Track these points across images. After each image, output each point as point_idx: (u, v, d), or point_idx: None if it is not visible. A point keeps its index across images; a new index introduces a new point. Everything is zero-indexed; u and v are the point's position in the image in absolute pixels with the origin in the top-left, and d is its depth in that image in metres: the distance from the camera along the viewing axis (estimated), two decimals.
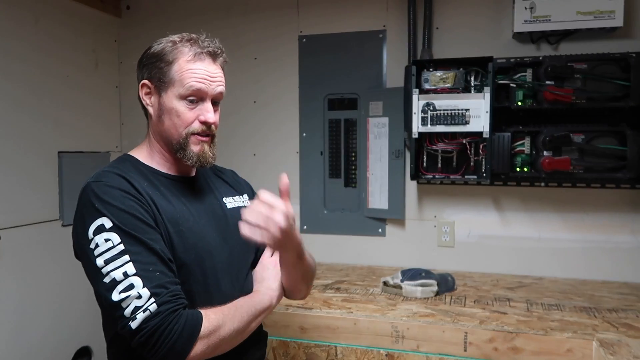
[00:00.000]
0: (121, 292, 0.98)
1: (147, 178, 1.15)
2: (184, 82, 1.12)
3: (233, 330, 1.07)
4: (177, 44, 1.15)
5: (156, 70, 1.15)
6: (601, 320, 1.63)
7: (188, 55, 1.14)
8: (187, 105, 1.14)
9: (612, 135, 1.91)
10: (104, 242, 1.01)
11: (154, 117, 1.18)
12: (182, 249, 1.10)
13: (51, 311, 2.16)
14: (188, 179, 1.24)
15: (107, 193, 1.05)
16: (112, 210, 1.03)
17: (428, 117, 2.03)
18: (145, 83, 1.17)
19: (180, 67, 1.13)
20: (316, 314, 1.73)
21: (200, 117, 1.15)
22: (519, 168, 2.01)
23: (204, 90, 1.14)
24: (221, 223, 1.22)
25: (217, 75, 1.17)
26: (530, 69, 1.97)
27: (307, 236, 2.37)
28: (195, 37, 1.17)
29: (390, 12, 2.29)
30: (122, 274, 0.98)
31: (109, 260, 1.00)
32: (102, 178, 1.08)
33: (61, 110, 2.24)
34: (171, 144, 1.17)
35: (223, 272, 1.18)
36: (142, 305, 0.97)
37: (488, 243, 2.23)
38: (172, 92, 1.14)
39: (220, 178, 1.36)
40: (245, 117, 2.50)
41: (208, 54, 1.16)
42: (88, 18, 2.41)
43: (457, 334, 1.59)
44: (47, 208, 2.17)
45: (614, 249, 2.10)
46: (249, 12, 2.47)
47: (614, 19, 1.93)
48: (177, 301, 1.00)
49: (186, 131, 1.15)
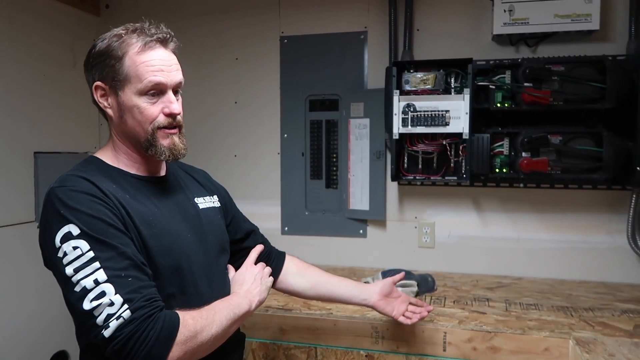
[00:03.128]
0: (92, 300, 0.94)
1: (115, 180, 1.10)
2: (141, 77, 1.07)
3: (212, 336, 1.04)
4: (123, 36, 1.08)
5: (107, 69, 1.09)
6: (578, 319, 1.65)
7: (137, 47, 1.07)
8: (148, 100, 1.09)
9: (589, 137, 1.94)
10: (72, 250, 0.96)
11: (115, 118, 1.12)
12: (157, 251, 1.07)
13: (26, 314, 2.12)
14: (158, 179, 1.20)
15: (72, 198, 1.00)
16: (78, 216, 0.98)
17: (409, 119, 2.03)
18: (99, 85, 1.11)
19: (133, 60, 1.07)
20: (296, 315, 1.72)
21: (164, 110, 1.10)
22: (498, 169, 2.03)
23: (163, 83, 1.09)
24: (195, 223, 1.20)
25: (172, 62, 1.11)
26: (509, 71, 1.98)
27: (288, 238, 2.38)
28: (140, 26, 1.10)
29: (371, 14, 2.29)
30: (92, 282, 0.95)
31: (79, 269, 0.96)
32: (66, 182, 1.04)
33: (38, 110, 2.20)
34: (139, 143, 1.12)
35: (200, 273, 1.16)
36: (114, 313, 0.93)
37: (468, 244, 2.24)
38: (130, 90, 1.08)
39: (191, 177, 1.33)
40: (225, 118, 2.48)
41: (158, 41, 1.10)
42: (66, 16, 2.37)
43: (437, 334, 1.59)
44: (22, 209, 2.12)
45: (591, 249, 2.13)
46: (230, 11, 2.45)
47: (590, 22, 1.96)
48: (152, 305, 0.97)
49: (152, 127, 1.10)
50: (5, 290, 2.03)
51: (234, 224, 1.38)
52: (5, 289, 2.03)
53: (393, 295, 1.48)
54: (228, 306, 1.12)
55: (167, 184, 1.21)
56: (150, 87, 1.08)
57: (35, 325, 2.16)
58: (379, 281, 1.51)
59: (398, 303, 1.47)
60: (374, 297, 1.45)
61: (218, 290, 1.19)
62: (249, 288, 1.23)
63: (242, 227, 1.41)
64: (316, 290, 1.45)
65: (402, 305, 1.47)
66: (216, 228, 1.27)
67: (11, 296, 2.06)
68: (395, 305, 1.46)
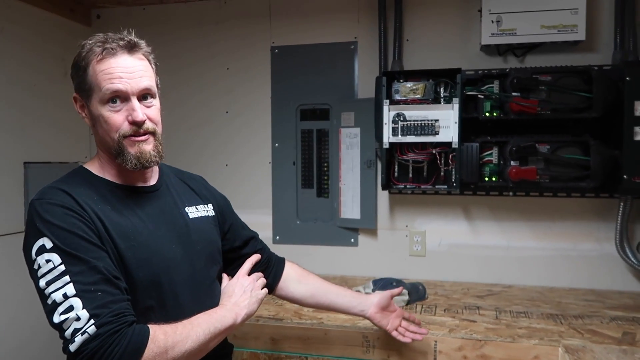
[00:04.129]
0: (61, 314, 0.94)
1: (98, 191, 1.10)
2: (100, 85, 1.06)
3: (185, 351, 1.02)
4: (89, 46, 1.08)
5: (78, 80, 1.10)
6: (567, 327, 1.66)
7: (98, 55, 1.06)
8: (111, 109, 1.07)
9: (577, 146, 1.96)
10: (45, 263, 0.97)
11: (92, 128, 1.13)
12: (134, 265, 1.06)
13: (16, 326, 2.10)
14: (145, 188, 1.18)
15: (48, 211, 1.01)
16: (53, 230, 0.99)
17: (399, 128, 2.05)
18: (76, 96, 1.12)
19: (94, 70, 1.07)
20: (287, 324, 1.72)
21: (128, 118, 1.08)
22: (488, 178, 2.05)
23: (123, 90, 1.06)
24: (182, 233, 1.19)
25: (137, 69, 1.08)
26: (497, 81, 2.01)
27: (280, 246, 2.37)
28: (106, 35, 1.09)
29: (361, 24, 2.32)
30: (62, 296, 0.95)
31: (50, 282, 0.96)
32: (45, 195, 1.04)
33: (28, 120, 2.19)
34: (111, 152, 1.11)
35: (183, 285, 1.14)
36: (80, 328, 0.93)
37: (458, 252, 2.25)
38: (95, 99, 1.08)
39: (186, 184, 1.32)
40: (217, 128, 2.49)
41: (121, 48, 1.08)
42: (57, 27, 2.37)
43: (427, 342, 1.60)
44: (12, 220, 2.11)
45: (579, 256, 2.14)
46: (220, 22, 2.47)
47: (576, 32, 1.99)
48: (120, 320, 0.96)
49: (118, 135, 1.08)
50: None
51: (231, 231, 1.37)
52: None
53: (390, 308, 1.49)
54: (209, 320, 1.10)
55: (155, 193, 1.20)
56: (108, 95, 1.06)
57: (25, 338, 2.13)
58: (378, 293, 1.51)
59: (393, 317, 1.48)
60: (371, 309, 1.46)
61: (204, 302, 1.18)
62: (237, 300, 1.22)
63: (241, 234, 1.40)
64: (316, 298, 1.45)
65: (396, 320, 1.49)
66: (206, 238, 1.25)
67: (1, 307, 2.04)
68: (390, 319, 1.48)
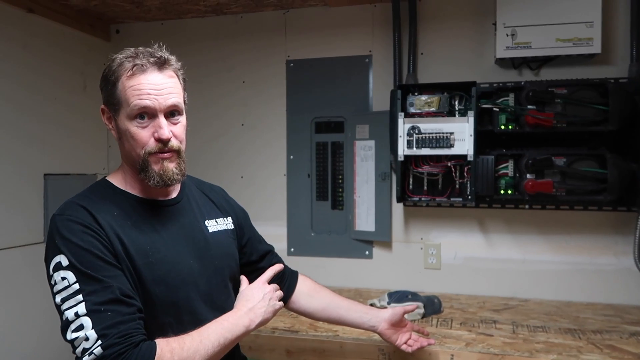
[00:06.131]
0: (73, 331, 0.96)
1: (119, 205, 1.11)
2: (129, 101, 1.06)
3: None
4: (120, 60, 1.09)
5: (107, 93, 1.11)
6: (586, 342, 1.64)
7: (128, 71, 1.07)
8: (138, 125, 1.08)
9: (593, 159, 1.95)
10: (61, 281, 0.99)
11: (117, 141, 1.14)
12: (151, 281, 1.07)
13: (35, 336, 2.12)
14: (166, 202, 1.19)
15: (67, 228, 1.02)
16: (70, 247, 1.00)
17: (413, 140, 2.06)
18: (103, 108, 1.14)
19: (123, 85, 1.07)
20: (302, 337, 1.72)
21: (154, 135, 1.08)
22: (503, 190, 2.04)
23: (151, 107, 1.07)
24: (200, 248, 1.19)
25: (165, 86, 1.09)
26: (513, 94, 2.01)
27: (294, 259, 2.38)
28: (137, 50, 1.10)
29: (376, 38, 2.34)
30: (74, 314, 0.96)
31: (65, 299, 0.98)
32: (65, 211, 1.06)
33: (48, 132, 2.24)
34: (135, 167, 1.12)
35: (200, 300, 1.15)
36: (88, 348, 0.94)
37: (474, 265, 2.24)
38: (123, 114, 1.09)
39: (206, 196, 1.32)
40: (232, 140, 2.51)
41: (151, 64, 1.08)
42: (78, 41, 2.43)
43: (444, 356, 1.58)
44: (32, 231, 2.15)
45: (597, 270, 2.12)
46: (237, 36, 2.51)
47: (592, 45, 1.99)
48: (127, 342, 0.95)
49: (144, 152, 1.09)
50: (14, 311, 2.04)
51: (249, 245, 1.37)
52: (14, 310, 2.04)
53: (401, 324, 1.48)
54: (219, 330, 1.10)
55: (176, 206, 1.20)
56: (136, 111, 1.07)
57: (44, 347, 2.15)
58: (390, 309, 1.50)
59: (403, 332, 1.47)
60: (382, 324, 1.44)
61: (221, 314, 1.17)
62: (254, 306, 1.21)
63: (258, 248, 1.40)
64: (327, 312, 1.45)
65: (406, 335, 1.48)
66: (225, 253, 1.26)
67: (20, 318, 2.07)
68: (400, 334, 1.47)
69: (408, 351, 1.45)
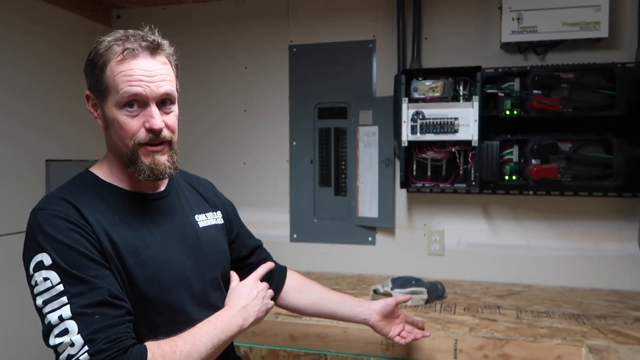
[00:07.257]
0: (57, 336, 0.90)
1: (105, 199, 1.04)
2: (118, 87, 0.98)
3: None
4: (108, 44, 1.00)
5: (93, 79, 1.02)
6: (590, 327, 1.64)
7: (118, 55, 0.99)
8: (127, 114, 1.00)
9: (599, 144, 1.94)
10: (43, 281, 0.92)
11: (104, 130, 1.06)
12: (142, 281, 1.01)
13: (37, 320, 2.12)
14: (155, 195, 1.12)
15: (50, 224, 0.94)
16: (53, 245, 0.93)
17: (417, 126, 2.04)
18: (88, 94, 1.05)
19: (112, 70, 0.99)
20: (306, 322, 1.72)
21: (145, 125, 1.00)
22: (508, 176, 2.03)
23: (142, 94, 0.99)
24: (191, 244, 1.13)
25: (158, 73, 1.01)
26: (518, 79, 1.99)
27: (297, 245, 2.38)
28: (128, 33, 1.02)
29: (379, 23, 2.31)
30: (57, 318, 0.90)
31: (47, 302, 0.91)
32: (48, 205, 0.98)
33: (50, 118, 2.23)
34: (122, 158, 1.04)
35: (194, 299, 1.10)
36: (74, 354, 0.88)
37: (478, 251, 2.24)
38: (111, 101, 1.00)
39: (195, 190, 1.26)
40: (235, 126, 2.50)
41: (143, 49, 1.00)
42: (78, 26, 2.40)
43: (448, 341, 1.59)
44: None
45: (601, 256, 2.11)
46: (239, 21, 2.48)
47: (599, 30, 1.96)
48: (115, 347, 0.90)
49: (132, 142, 1.01)
50: (16, 297, 2.04)
51: (238, 241, 1.33)
52: (16, 296, 2.04)
53: (394, 315, 1.43)
54: (212, 331, 1.04)
55: (165, 200, 1.14)
56: (126, 98, 0.99)
57: None
58: (382, 300, 1.45)
59: (396, 323, 1.42)
60: (374, 317, 1.39)
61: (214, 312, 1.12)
62: (248, 304, 1.15)
63: (247, 244, 1.36)
64: (317, 307, 1.41)
65: (399, 327, 1.42)
66: (217, 249, 1.21)
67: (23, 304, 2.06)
68: (392, 326, 1.41)
69: (401, 343, 1.40)
